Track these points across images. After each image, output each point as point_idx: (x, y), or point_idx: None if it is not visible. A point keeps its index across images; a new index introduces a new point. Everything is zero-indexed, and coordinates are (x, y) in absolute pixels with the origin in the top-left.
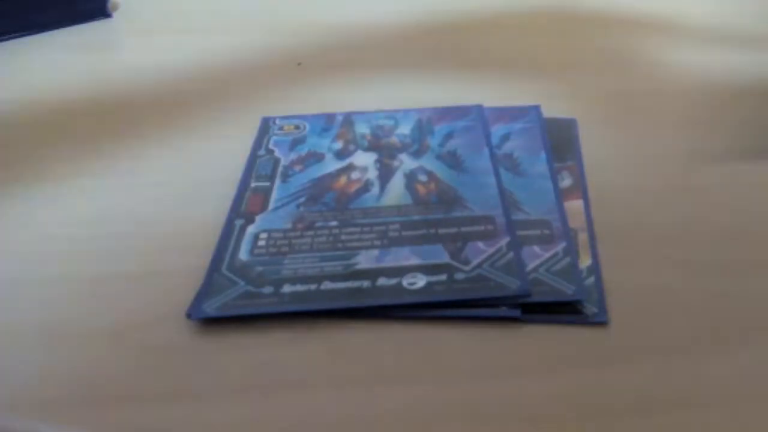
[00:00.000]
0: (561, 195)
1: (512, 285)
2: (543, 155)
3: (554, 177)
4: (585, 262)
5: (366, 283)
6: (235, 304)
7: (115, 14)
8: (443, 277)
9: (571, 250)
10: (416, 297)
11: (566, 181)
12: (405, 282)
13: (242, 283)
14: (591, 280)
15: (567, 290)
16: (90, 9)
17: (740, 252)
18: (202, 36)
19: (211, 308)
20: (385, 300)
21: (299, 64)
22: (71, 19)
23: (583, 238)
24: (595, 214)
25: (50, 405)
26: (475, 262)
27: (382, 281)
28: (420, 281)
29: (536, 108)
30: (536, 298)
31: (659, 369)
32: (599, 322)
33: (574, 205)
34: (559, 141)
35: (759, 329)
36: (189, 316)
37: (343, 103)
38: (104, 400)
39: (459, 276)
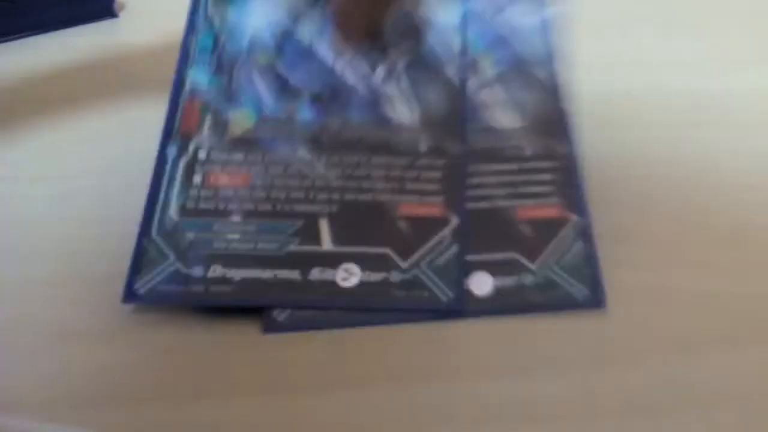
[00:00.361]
0: None
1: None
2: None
3: None
4: None
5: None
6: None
7: (121, 14)
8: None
9: None
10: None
11: None
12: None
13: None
14: None
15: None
16: (96, 9)
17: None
18: None
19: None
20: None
21: None
22: (76, 18)
23: None
24: None
25: (50, 405)
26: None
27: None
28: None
29: None
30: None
31: (659, 369)
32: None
33: None
34: None
35: (760, 329)
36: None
37: None
38: (104, 400)
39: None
